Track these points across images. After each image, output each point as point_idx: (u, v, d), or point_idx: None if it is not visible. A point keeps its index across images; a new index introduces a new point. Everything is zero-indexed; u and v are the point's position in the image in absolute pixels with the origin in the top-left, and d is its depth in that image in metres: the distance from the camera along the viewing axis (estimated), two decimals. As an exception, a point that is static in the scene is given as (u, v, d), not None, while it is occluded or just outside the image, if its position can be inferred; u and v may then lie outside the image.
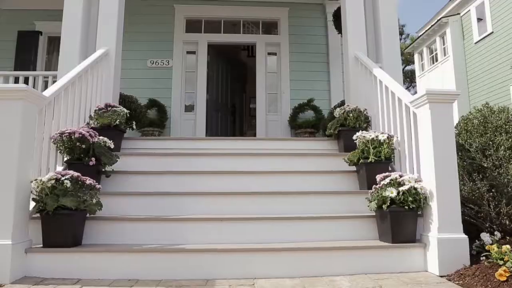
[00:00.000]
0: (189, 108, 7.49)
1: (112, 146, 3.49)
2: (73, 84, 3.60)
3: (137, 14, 7.39)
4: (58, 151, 3.28)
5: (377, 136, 3.42)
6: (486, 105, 3.97)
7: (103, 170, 3.42)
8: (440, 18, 16.04)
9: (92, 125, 3.91)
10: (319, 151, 4.22)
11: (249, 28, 8.01)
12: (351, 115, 4.02)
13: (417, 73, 18.83)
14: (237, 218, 2.98)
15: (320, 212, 3.23)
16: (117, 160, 3.45)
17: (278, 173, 3.62)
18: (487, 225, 3.57)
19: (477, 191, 3.52)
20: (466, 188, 3.60)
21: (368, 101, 4.27)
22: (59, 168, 3.35)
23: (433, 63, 17.12)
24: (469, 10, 15.05)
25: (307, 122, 6.88)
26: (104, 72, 4.36)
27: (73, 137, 3.17)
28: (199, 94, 7.46)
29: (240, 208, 3.20)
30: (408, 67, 26.02)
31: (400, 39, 26.22)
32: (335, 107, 5.17)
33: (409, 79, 26.50)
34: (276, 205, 3.25)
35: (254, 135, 7.90)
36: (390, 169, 3.54)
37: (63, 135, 3.19)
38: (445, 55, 16.05)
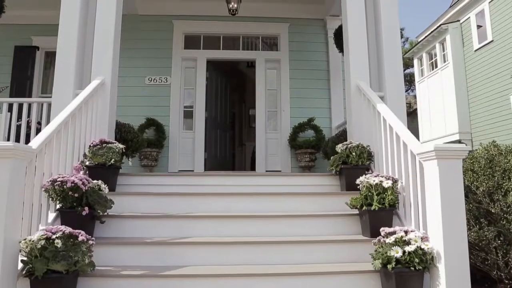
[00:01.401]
0: (188, 126, 7.37)
1: (106, 190, 3.36)
2: (66, 125, 3.47)
3: (134, 30, 7.27)
4: (50, 199, 3.16)
5: (381, 182, 3.30)
6: (494, 144, 3.87)
7: (98, 215, 3.30)
8: (440, 25, 15.92)
9: (87, 163, 3.79)
10: (320, 189, 4.11)
11: (249, 44, 7.88)
12: (353, 153, 3.90)
13: (417, 79, 18.70)
14: (234, 274, 2.88)
15: (322, 262, 3.14)
16: (111, 206, 3.33)
17: (277, 217, 3.51)
18: (495, 273, 3.47)
19: (484, 238, 3.42)
20: (472, 233, 3.50)
21: (370, 135, 4.15)
22: (51, 216, 3.24)
23: (433, 69, 17.01)
24: (469, 18, 14.93)
25: (308, 142, 6.77)
26: (100, 104, 4.23)
27: (65, 186, 3.04)
28: (198, 111, 7.35)
29: (239, 258, 3.10)
30: (407, 71, 25.88)
31: (400, 43, 26.06)
32: (338, 137, 5.04)
33: (408, 82, 26.40)
34: (275, 255, 3.15)
35: (254, 147, 7.77)
36: (394, 213, 3.43)
37: (54, 184, 3.06)
38: (444, 61, 15.93)
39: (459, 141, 14.86)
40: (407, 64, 23.42)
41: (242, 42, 7.79)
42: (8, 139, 5.53)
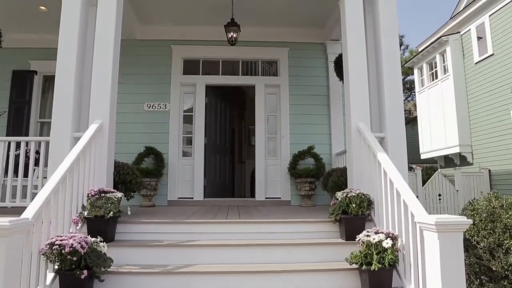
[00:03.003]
0: (187, 153, 7.35)
1: (105, 248, 3.34)
2: (64, 182, 3.45)
3: (132, 55, 7.27)
4: (49, 261, 3.13)
5: (381, 241, 3.28)
6: (495, 195, 3.84)
7: (97, 274, 3.27)
8: (441, 36, 15.88)
9: (85, 215, 3.76)
10: (320, 236, 4.07)
11: (248, 68, 7.86)
12: (353, 204, 3.87)
13: (417, 89, 18.65)
14: None
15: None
16: (110, 265, 3.30)
17: (277, 272, 3.49)
18: (496, 331, 3.45)
19: (485, 297, 3.39)
20: (473, 289, 3.48)
21: (371, 182, 4.12)
22: (50, 275, 3.21)
23: (433, 80, 16.97)
24: (470, 30, 14.90)
25: (307, 171, 6.75)
26: (97, 151, 4.20)
27: (63, 251, 3.01)
28: (197, 137, 7.33)
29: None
30: (407, 78, 25.81)
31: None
32: (338, 177, 5.01)
33: (408, 90, 26.33)
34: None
35: (253, 168, 7.75)
36: (394, 269, 3.41)
37: (52, 248, 3.03)
38: (445, 73, 15.90)
39: (459, 154, 14.84)
40: (407, 72, 23.40)
41: (242, 66, 7.77)
42: (6, 170, 5.51)
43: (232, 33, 6.30)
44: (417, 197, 11.11)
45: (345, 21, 4.77)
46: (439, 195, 12.69)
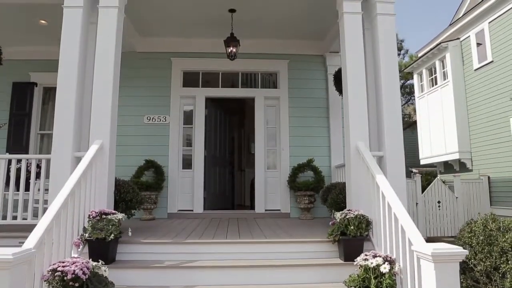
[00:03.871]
0: (187, 165, 7.38)
1: (107, 273, 3.37)
2: (65, 206, 3.48)
3: (133, 67, 7.31)
4: (51, 287, 3.16)
5: (378, 265, 3.31)
6: (492, 217, 3.87)
7: (97, 298, 3.31)
8: (440, 43, 15.93)
9: (87, 237, 3.79)
10: (319, 256, 4.11)
11: (248, 80, 7.90)
12: (352, 226, 3.91)
13: (416, 94, 18.68)
14: None
15: None
16: (111, 289, 3.34)
17: (277, 295, 3.54)
18: None
19: (482, 321, 3.43)
20: (470, 314, 3.51)
21: (369, 202, 4.15)
22: (51, 301, 3.24)
23: (433, 85, 17.01)
24: (469, 36, 14.95)
25: (307, 184, 6.78)
26: (98, 172, 4.23)
27: (65, 278, 3.05)
28: (197, 150, 7.37)
29: None
30: (408, 82, 25.85)
31: (399, 55, 26.15)
32: (337, 195, 5.04)
33: (408, 94, 26.36)
34: None
35: (253, 178, 7.79)
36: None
37: (55, 274, 3.07)
38: (444, 79, 15.94)
39: (459, 160, 14.88)
40: (407, 77, 23.44)
41: (241, 78, 7.81)
42: (8, 183, 5.53)
43: (231, 48, 6.35)
44: (416, 204, 11.18)
45: (344, 41, 4.80)
46: (439, 202, 12.70)
